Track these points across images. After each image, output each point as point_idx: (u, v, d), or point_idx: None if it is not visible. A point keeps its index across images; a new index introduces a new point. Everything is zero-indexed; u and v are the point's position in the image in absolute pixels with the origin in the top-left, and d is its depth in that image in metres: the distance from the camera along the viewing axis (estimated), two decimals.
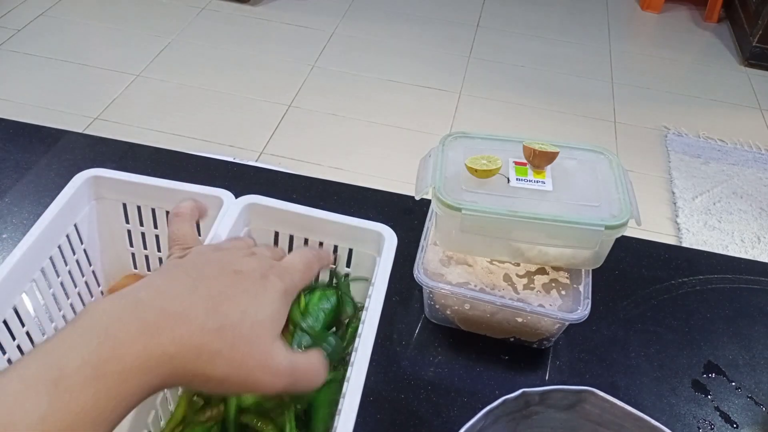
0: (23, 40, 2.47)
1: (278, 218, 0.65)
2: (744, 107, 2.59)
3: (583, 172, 0.72)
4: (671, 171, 2.22)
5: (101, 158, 0.90)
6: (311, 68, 2.50)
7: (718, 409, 0.71)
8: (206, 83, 2.36)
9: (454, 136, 0.75)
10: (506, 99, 2.47)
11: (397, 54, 2.63)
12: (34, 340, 0.60)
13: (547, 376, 0.72)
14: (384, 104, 2.36)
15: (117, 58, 2.43)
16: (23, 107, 2.17)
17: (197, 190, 0.66)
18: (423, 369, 0.71)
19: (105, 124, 2.14)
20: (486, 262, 0.72)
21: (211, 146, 2.09)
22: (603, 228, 0.65)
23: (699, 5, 3.13)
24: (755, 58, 2.77)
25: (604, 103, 2.51)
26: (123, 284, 0.69)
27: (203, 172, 0.90)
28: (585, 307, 0.68)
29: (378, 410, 0.67)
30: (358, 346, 0.53)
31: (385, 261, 0.59)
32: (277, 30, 2.70)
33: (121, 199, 0.67)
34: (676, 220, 2.04)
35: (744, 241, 1.99)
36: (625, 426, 0.52)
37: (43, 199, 0.82)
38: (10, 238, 0.78)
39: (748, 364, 0.76)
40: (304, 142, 2.16)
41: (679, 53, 2.87)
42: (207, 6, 2.77)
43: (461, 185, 0.68)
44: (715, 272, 0.86)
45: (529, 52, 2.75)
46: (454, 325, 0.75)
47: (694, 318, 0.80)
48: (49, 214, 0.60)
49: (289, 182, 0.92)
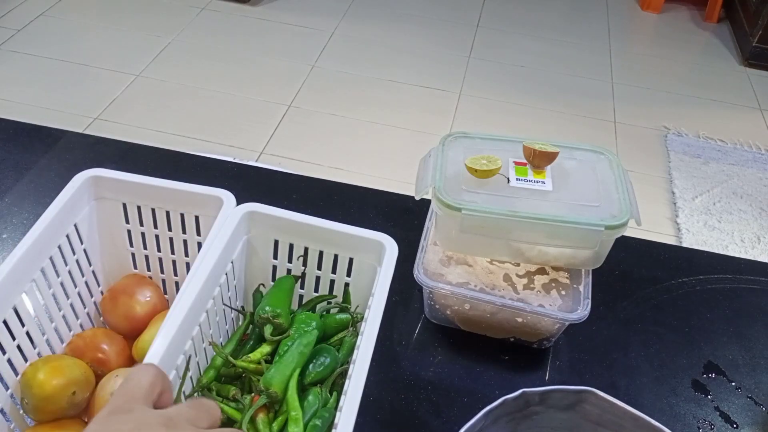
0: (23, 40, 2.46)
1: (278, 226, 0.65)
2: (744, 107, 2.59)
3: (583, 172, 0.72)
4: (671, 171, 2.22)
5: (101, 158, 0.90)
6: (311, 68, 2.50)
7: (718, 409, 0.71)
8: (206, 83, 2.36)
9: (454, 136, 0.75)
10: (506, 99, 2.47)
11: (397, 54, 2.63)
12: (34, 340, 0.60)
13: (547, 376, 0.72)
14: (384, 104, 2.36)
15: (117, 58, 2.42)
16: (23, 107, 2.16)
17: (197, 190, 0.66)
18: (423, 369, 0.71)
19: (105, 124, 2.14)
20: (486, 262, 0.72)
21: (211, 146, 2.09)
22: (603, 228, 0.65)
23: (699, 5, 3.13)
24: (755, 58, 2.77)
25: (604, 103, 2.51)
26: (123, 284, 0.69)
27: (203, 172, 0.90)
28: (585, 307, 0.68)
29: (378, 410, 0.67)
30: (357, 356, 0.53)
31: (386, 272, 0.59)
32: (277, 30, 2.70)
33: (121, 199, 0.67)
34: (676, 220, 2.04)
35: (744, 241, 1.99)
36: (625, 426, 0.52)
37: (43, 199, 0.82)
38: (10, 238, 0.78)
39: (748, 364, 0.76)
40: (304, 142, 2.16)
41: (679, 53, 2.87)
42: (207, 6, 2.77)
43: (461, 185, 0.68)
44: (715, 272, 0.86)
45: (529, 52, 2.75)
46: (454, 325, 0.75)
47: (694, 318, 0.80)
48: (49, 214, 0.60)
49: (289, 182, 0.92)
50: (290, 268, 0.68)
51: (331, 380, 0.61)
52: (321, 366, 0.61)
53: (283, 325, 0.62)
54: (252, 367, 0.60)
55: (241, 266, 0.67)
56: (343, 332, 0.65)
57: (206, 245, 0.60)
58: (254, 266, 0.68)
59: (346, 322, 0.66)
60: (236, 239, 0.64)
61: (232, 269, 0.64)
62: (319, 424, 0.56)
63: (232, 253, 0.63)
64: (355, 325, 0.65)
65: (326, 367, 0.61)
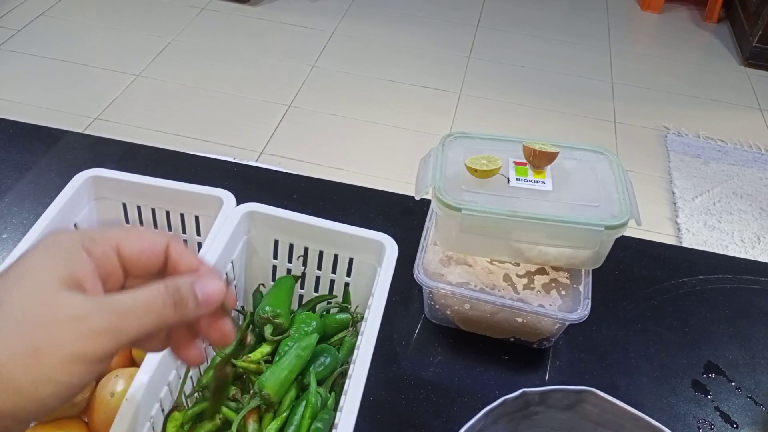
0: (23, 40, 2.46)
1: (278, 226, 0.65)
2: (744, 107, 2.59)
3: (583, 172, 0.72)
4: (671, 171, 2.22)
5: (101, 158, 0.90)
6: (311, 68, 2.50)
7: (718, 409, 0.71)
8: (206, 83, 2.36)
9: (454, 136, 0.75)
10: (506, 99, 2.47)
11: (397, 54, 2.63)
12: None
13: (547, 376, 0.72)
14: (384, 104, 2.36)
15: (117, 58, 2.42)
16: (23, 107, 2.16)
17: (197, 190, 0.66)
18: (423, 369, 0.71)
19: (105, 124, 2.14)
20: (486, 262, 0.72)
21: (211, 146, 2.09)
22: (603, 228, 0.65)
23: (699, 5, 3.13)
24: (755, 58, 2.77)
25: (604, 103, 2.51)
26: None
27: (203, 172, 0.90)
28: (585, 307, 0.68)
29: (378, 410, 0.67)
30: (357, 356, 0.53)
31: (386, 272, 0.59)
32: (277, 30, 2.70)
33: (121, 199, 0.67)
34: (676, 220, 2.04)
35: (744, 241, 1.99)
36: (625, 426, 0.52)
37: (43, 199, 0.82)
38: (10, 238, 0.78)
39: (748, 364, 0.76)
40: (304, 142, 2.16)
41: (679, 53, 2.86)
42: (207, 6, 2.77)
43: (461, 185, 0.68)
44: (715, 272, 0.86)
45: (529, 52, 2.75)
46: (454, 325, 0.75)
47: (694, 318, 0.80)
48: (49, 214, 0.60)
49: (289, 182, 0.92)
50: (290, 268, 0.68)
51: (331, 380, 0.61)
52: (321, 366, 0.61)
53: (283, 325, 0.62)
54: (252, 367, 0.60)
55: (241, 266, 0.67)
56: (343, 332, 0.65)
57: (206, 245, 0.60)
58: (254, 266, 0.68)
59: (346, 322, 0.66)
60: (236, 239, 0.64)
61: (232, 269, 0.64)
62: (320, 427, 0.56)
63: (232, 253, 0.63)
64: (355, 325, 0.65)
65: (326, 367, 0.61)
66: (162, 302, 0.33)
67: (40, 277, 0.31)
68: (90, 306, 0.31)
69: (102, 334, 0.31)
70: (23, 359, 0.29)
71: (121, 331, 0.31)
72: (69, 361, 0.30)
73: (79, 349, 0.30)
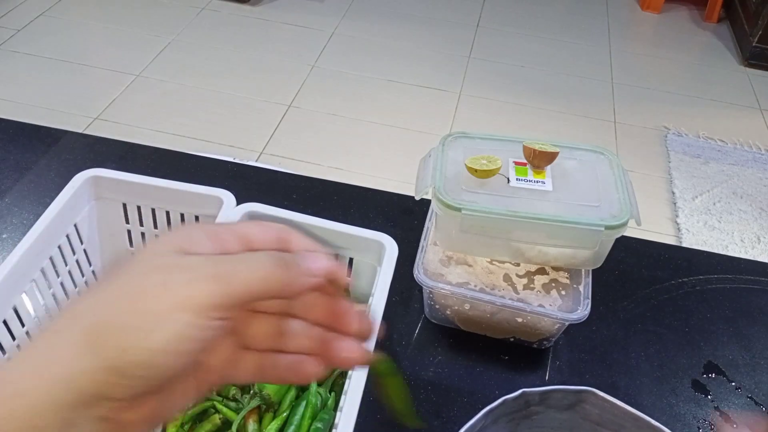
0: (23, 40, 2.46)
1: None
2: (744, 107, 2.59)
3: (583, 172, 0.72)
4: (671, 171, 2.22)
5: (101, 158, 0.90)
6: (311, 68, 2.50)
7: (718, 409, 0.71)
8: (206, 83, 2.36)
9: (454, 136, 0.75)
10: (506, 99, 2.47)
11: (397, 54, 2.63)
12: None
13: (547, 376, 0.72)
14: (384, 104, 2.36)
15: (117, 58, 2.42)
16: (23, 107, 2.16)
17: (197, 190, 0.66)
18: (423, 369, 0.71)
19: (105, 124, 2.14)
20: (486, 262, 0.72)
21: (211, 146, 2.09)
22: (603, 228, 0.65)
23: (699, 5, 3.13)
24: (755, 58, 2.77)
25: (604, 103, 2.51)
26: None
27: (203, 172, 0.90)
28: (585, 307, 0.68)
29: (378, 410, 0.67)
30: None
31: (386, 272, 0.59)
32: (277, 30, 2.70)
33: (121, 199, 0.67)
34: (676, 220, 2.04)
35: (744, 241, 1.99)
36: (625, 426, 0.52)
37: (43, 199, 0.82)
38: (10, 238, 0.78)
39: (748, 364, 0.76)
40: (304, 142, 2.16)
41: (679, 53, 2.87)
42: (207, 6, 2.77)
43: (461, 185, 0.68)
44: (715, 272, 0.86)
45: (529, 52, 2.75)
46: (454, 325, 0.75)
47: (694, 318, 0.80)
48: (49, 214, 0.60)
49: (289, 182, 0.92)
50: None
51: (331, 380, 0.61)
52: None
53: None
54: None
55: None
56: None
57: None
58: None
59: None
60: None
61: None
62: (320, 427, 0.56)
63: None
64: None
65: None
66: (272, 261, 0.33)
67: (154, 249, 0.31)
68: (199, 259, 0.31)
69: (210, 280, 0.30)
70: (128, 305, 0.29)
71: (230, 278, 0.30)
72: (176, 308, 0.29)
73: (186, 292, 0.29)
